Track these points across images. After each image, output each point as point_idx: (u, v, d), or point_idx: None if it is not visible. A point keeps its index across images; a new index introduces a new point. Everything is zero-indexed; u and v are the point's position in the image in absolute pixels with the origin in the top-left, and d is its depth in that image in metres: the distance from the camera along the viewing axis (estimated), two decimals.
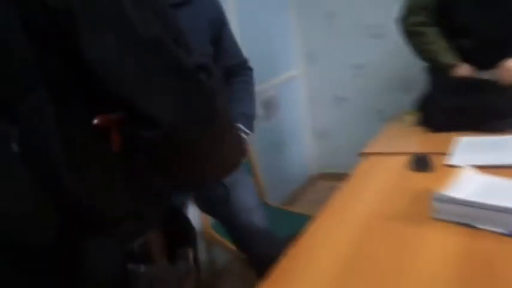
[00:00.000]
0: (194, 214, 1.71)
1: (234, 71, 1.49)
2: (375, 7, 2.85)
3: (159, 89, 0.56)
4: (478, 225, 0.98)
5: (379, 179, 1.39)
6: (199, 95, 0.58)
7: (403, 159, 1.49)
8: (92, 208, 0.60)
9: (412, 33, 1.84)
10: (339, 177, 3.28)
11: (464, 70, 1.74)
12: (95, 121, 0.59)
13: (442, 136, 1.64)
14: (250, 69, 1.55)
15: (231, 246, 1.64)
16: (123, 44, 0.55)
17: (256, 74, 2.78)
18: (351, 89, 3.11)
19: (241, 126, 1.40)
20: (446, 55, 1.77)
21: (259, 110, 2.73)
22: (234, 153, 0.71)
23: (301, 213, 2.02)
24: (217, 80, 0.62)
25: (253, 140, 2.65)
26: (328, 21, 3.04)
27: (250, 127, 1.44)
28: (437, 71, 1.83)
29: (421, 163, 1.39)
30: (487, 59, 1.68)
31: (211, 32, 1.38)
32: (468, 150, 1.45)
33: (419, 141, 1.72)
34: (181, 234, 0.78)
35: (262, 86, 2.76)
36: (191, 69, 0.58)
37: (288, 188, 3.02)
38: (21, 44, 0.55)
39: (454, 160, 1.39)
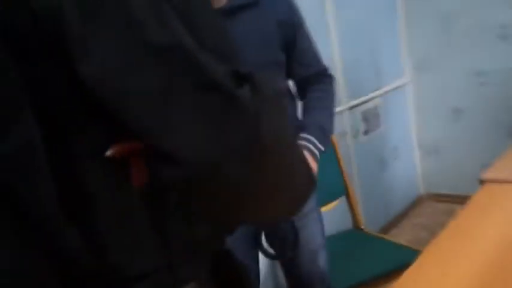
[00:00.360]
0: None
1: (311, 80, 1.30)
2: (505, 4, 2.43)
3: (178, 113, 0.42)
4: None
5: (508, 216, 1.07)
6: (237, 118, 0.43)
7: None
8: (104, 265, 0.47)
9: None
10: (451, 199, 2.90)
11: None
12: (109, 152, 0.45)
13: None
14: (329, 76, 1.34)
15: None
16: (128, 53, 0.41)
17: (357, 84, 2.58)
18: (471, 99, 2.69)
19: (311, 138, 1.19)
20: None
21: (359, 124, 2.47)
22: (301, 185, 0.54)
23: (400, 244, 1.73)
24: (267, 95, 0.46)
25: (351, 157, 2.40)
26: (443, 22, 2.67)
27: (323, 141, 1.22)
28: None
29: None
30: None
31: (282, 36, 1.20)
32: None
33: None
34: (231, 285, 0.62)
35: (364, 97, 2.50)
36: (225, 84, 0.43)
37: (390, 209, 2.71)
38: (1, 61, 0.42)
39: None
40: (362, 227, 1.94)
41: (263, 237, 1.33)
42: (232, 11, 1.11)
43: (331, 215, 2.11)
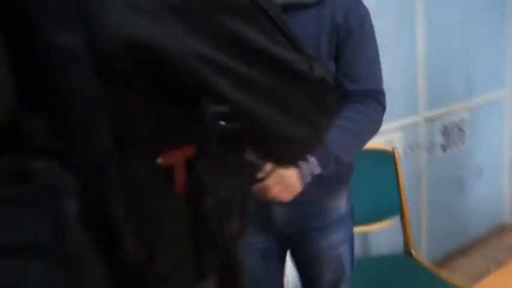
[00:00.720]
0: None
1: (353, 97, 1.10)
2: None
3: (286, 104, 0.53)
4: None
5: None
6: (321, 97, 0.56)
7: None
8: (150, 267, 0.52)
9: None
10: None
11: None
12: (160, 160, 0.51)
13: None
14: (377, 102, 1.11)
15: None
16: (251, 73, 0.50)
17: (440, 92, 2.31)
18: None
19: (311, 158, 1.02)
20: None
21: (437, 137, 2.23)
22: None
23: (449, 283, 1.53)
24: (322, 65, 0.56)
25: (422, 173, 2.19)
26: None
27: (323, 164, 1.02)
28: None
29: None
30: None
31: (334, 42, 1.06)
32: None
33: None
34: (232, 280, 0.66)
35: (447, 108, 2.24)
36: (303, 71, 0.53)
37: (462, 235, 2.44)
38: (88, 81, 0.46)
39: None
40: (413, 252, 1.76)
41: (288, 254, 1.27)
42: (284, 9, 0.98)
43: (383, 234, 1.96)
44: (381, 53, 1.87)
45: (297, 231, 1.15)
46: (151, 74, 0.47)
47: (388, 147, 1.80)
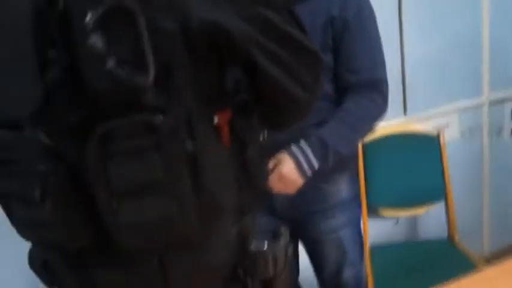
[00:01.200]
0: None
1: (353, 88, 1.12)
2: None
3: (297, 70, 0.68)
4: None
5: None
6: (321, 66, 0.72)
7: None
8: (216, 202, 0.66)
9: None
10: None
11: None
12: (215, 120, 0.65)
13: None
14: (378, 91, 1.13)
15: None
16: (280, 48, 0.66)
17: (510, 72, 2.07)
18: None
19: (306, 148, 1.07)
20: None
21: (504, 121, 2.06)
22: None
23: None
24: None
25: (484, 157, 2.06)
26: None
27: (321, 156, 1.07)
28: None
29: None
30: None
31: (330, 34, 1.09)
32: None
33: None
34: None
35: None
36: (312, 46, 0.70)
37: None
38: (183, 55, 0.60)
39: None
40: (455, 239, 1.70)
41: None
42: None
43: (432, 219, 1.90)
44: (439, 26, 1.79)
45: (298, 215, 1.20)
46: (217, 50, 0.62)
47: (434, 132, 1.73)
